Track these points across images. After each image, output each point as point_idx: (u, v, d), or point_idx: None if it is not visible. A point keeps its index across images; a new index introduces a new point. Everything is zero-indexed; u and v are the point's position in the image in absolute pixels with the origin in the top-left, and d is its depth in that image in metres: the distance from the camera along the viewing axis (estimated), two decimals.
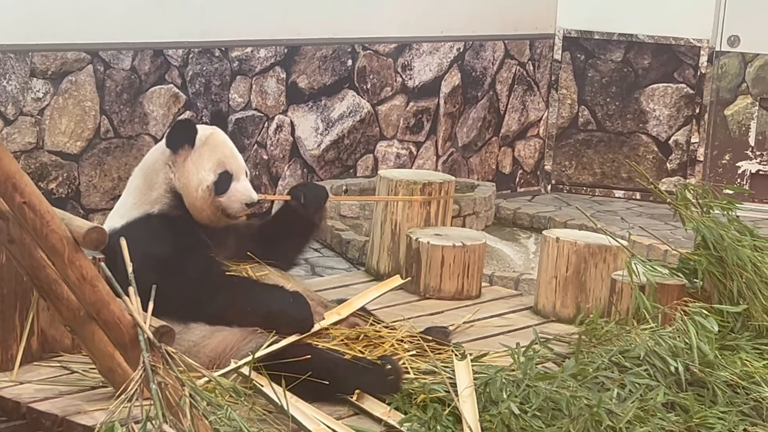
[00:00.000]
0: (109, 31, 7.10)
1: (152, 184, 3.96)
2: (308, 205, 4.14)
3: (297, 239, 4.22)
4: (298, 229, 4.19)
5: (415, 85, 8.71)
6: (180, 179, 3.95)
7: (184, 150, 3.94)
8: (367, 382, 3.64)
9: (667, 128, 9.47)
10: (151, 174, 3.98)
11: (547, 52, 9.53)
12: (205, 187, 3.94)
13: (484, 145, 9.25)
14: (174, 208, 3.94)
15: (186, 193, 3.95)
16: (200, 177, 3.95)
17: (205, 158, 3.96)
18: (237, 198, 3.99)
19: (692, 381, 3.79)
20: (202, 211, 3.97)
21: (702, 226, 4.28)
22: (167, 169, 3.95)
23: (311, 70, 8.10)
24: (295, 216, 4.16)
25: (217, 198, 3.95)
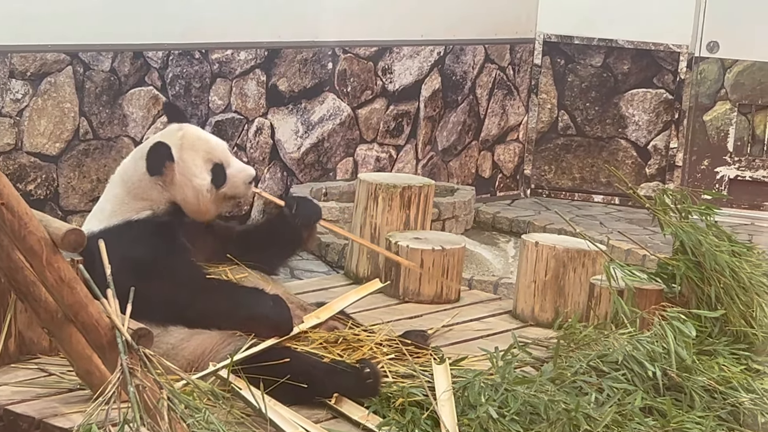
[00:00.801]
0: (89, 32, 7.08)
1: (140, 196, 3.93)
2: (297, 216, 4.12)
3: (281, 250, 4.21)
4: (285, 241, 4.19)
5: (396, 89, 8.71)
6: (177, 195, 3.94)
7: (168, 168, 3.92)
8: (345, 386, 3.64)
9: (646, 133, 9.50)
10: (138, 189, 3.94)
11: (527, 56, 9.55)
12: (206, 191, 3.94)
13: (464, 149, 9.26)
14: (166, 214, 3.93)
15: (187, 203, 3.94)
16: (196, 184, 3.94)
17: (190, 164, 3.95)
18: (238, 181, 4.00)
19: (670, 386, 3.80)
20: (208, 211, 3.98)
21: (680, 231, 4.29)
22: (159, 189, 3.93)
23: (291, 73, 8.10)
24: (284, 226, 4.15)
25: (220, 191, 3.96)
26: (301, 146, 8.21)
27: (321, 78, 8.25)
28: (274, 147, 8.08)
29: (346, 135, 8.46)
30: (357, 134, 8.53)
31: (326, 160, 8.37)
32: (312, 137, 8.26)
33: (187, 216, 3.99)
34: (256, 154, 7.98)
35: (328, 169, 8.40)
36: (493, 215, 8.68)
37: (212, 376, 3.57)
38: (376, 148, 8.66)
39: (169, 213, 3.94)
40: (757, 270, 4.27)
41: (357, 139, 8.54)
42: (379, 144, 8.68)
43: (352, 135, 8.50)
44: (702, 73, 9.36)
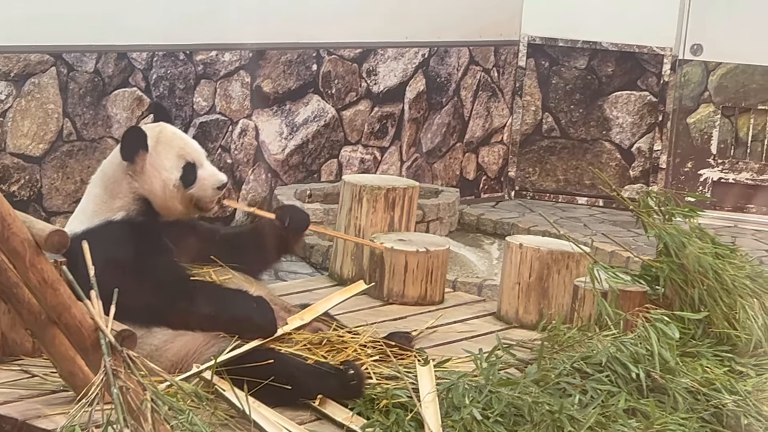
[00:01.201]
0: (73, 33, 7.07)
1: (114, 193, 3.94)
2: (290, 229, 4.14)
3: (269, 256, 4.21)
4: (273, 248, 4.19)
5: (380, 91, 8.71)
6: (144, 185, 3.93)
7: (139, 157, 3.93)
8: (329, 387, 3.64)
9: (630, 136, 9.52)
10: (112, 185, 3.95)
11: (511, 58, 9.56)
12: (172, 186, 3.94)
13: (449, 151, 9.26)
14: (139, 215, 3.93)
15: (154, 196, 3.94)
16: (164, 177, 3.94)
17: (163, 157, 3.95)
18: (207, 185, 3.99)
19: (653, 387, 3.81)
20: (174, 209, 3.97)
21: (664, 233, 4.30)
22: (129, 179, 3.94)
23: (276, 75, 8.09)
24: (274, 235, 4.15)
25: (188, 191, 3.95)
26: (286, 148, 8.21)
27: (305, 79, 8.25)
28: (258, 149, 8.07)
29: (331, 137, 8.46)
30: (341, 136, 8.53)
31: (311, 161, 8.37)
32: (296, 139, 8.26)
33: (158, 215, 3.98)
34: (241, 155, 7.97)
35: (313, 170, 8.40)
36: (478, 217, 8.68)
37: (196, 377, 3.57)
38: (360, 149, 8.66)
39: (142, 212, 3.93)
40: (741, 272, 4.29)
41: (341, 141, 8.54)
42: (363, 146, 8.68)
43: (337, 137, 8.50)
44: (686, 75, 9.39)
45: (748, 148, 9.36)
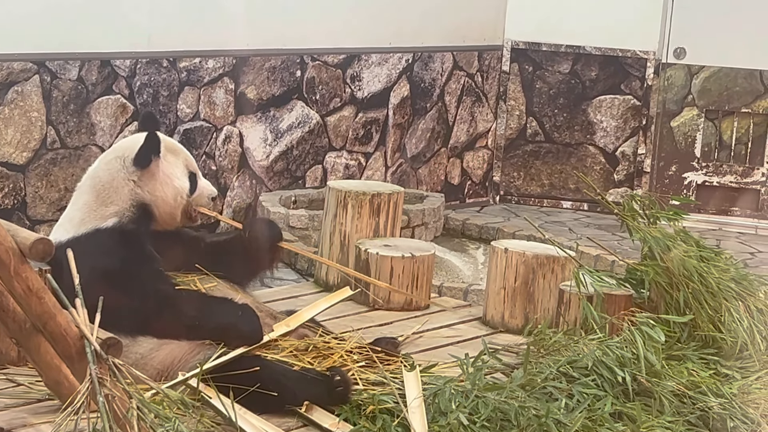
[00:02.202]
0: (56, 41, 7.06)
1: (109, 200, 3.92)
2: (251, 241, 4.11)
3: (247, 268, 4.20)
4: (247, 262, 4.17)
5: (364, 96, 8.71)
6: (152, 192, 3.93)
7: (152, 163, 3.93)
8: (316, 394, 3.64)
9: (614, 139, 9.54)
10: (108, 191, 3.93)
11: (495, 63, 9.57)
12: (184, 195, 3.98)
13: (433, 156, 9.27)
14: (131, 222, 3.91)
15: (160, 204, 3.95)
16: (177, 186, 3.97)
17: (173, 165, 3.98)
18: (205, 194, 4.08)
19: (639, 391, 3.81)
20: (176, 217, 4.00)
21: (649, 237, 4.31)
22: (132, 186, 3.93)
23: (260, 81, 8.09)
24: (246, 249, 4.15)
25: (188, 200, 3.98)
26: (270, 154, 8.20)
27: (289, 86, 8.25)
28: (242, 155, 8.06)
29: (315, 143, 8.46)
30: (326, 142, 8.53)
31: (295, 167, 8.37)
32: (281, 145, 8.25)
33: (153, 223, 3.98)
34: (225, 162, 7.96)
35: (297, 176, 8.40)
36: (463, 222, 8.69)
37: (182, 385, 3.56)
38: (345, 155, 8.66)
39: (135, 220, 3.92)
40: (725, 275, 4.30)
41: (326, 147, 8.54)
42: (348, 151, 8.68)
43: (321, 142, 8.50)
44: (669, 79, 9.41)
45: (732, 151, 9.39)
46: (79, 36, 7.16)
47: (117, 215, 3.91)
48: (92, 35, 7.21)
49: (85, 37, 7.18)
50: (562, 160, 9.64)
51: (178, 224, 4.05)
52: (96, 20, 7.21)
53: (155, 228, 3.99)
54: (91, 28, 7.20)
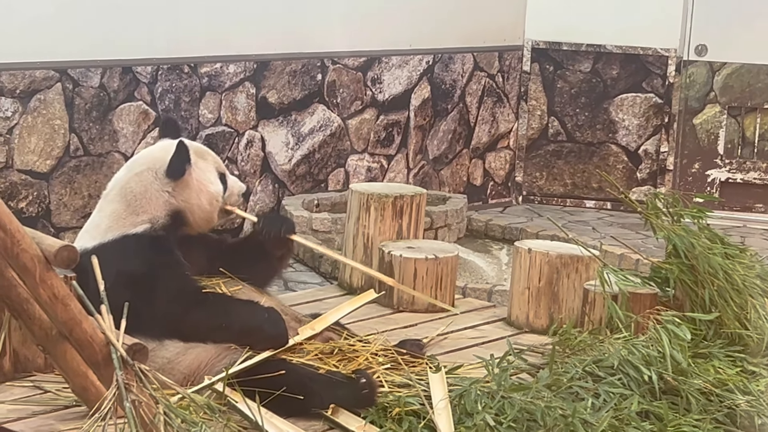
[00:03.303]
0: (78, 48, 7.08)
1: (140, 209, 3.91)
2: (264, 234, 4.11)
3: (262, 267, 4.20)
4: (263, 259, 4.17)
5: (385, 99, 8.72)
6: (187, 200, 3.94)
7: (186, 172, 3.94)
8: (341, 396, 3.64)
9: (637, 138, 9.51)
10: (140, 201, 3.92)
11: (515, 63, 9.56)
12: (219, 198, 4.00)
13: (455, 158, 9.27)
14: (162, 229, 3.91)
15: (196, 210, 3.95)
16: (212, 190, 3.99)
17: (205, 171, 4.00)
18: (235, 192, 4.10)
19: (666, 389, 3.80)
20: (211, 220, 4.02)
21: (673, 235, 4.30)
22: (167, 196, 3.92)
23: (281, 85, 8.10)
24: (260, 244, 4.15)
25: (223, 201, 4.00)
26: (292, 158, 8.21)
27: (310, 89, 8.26)
28: (265, 159, 8.08)
29: (337, 146, 8.47)
30: (348, 145, 8.54)
31: (317, 171, 8.38)
32: (303, 149, 8.26)
33: (185, 229, 3.98)
34: (247, 166, 7.98)
35: (320, 180, 8.40)
36: (486, 223, 8.68)
37: (208, 389, 3.57)
38: (367, 158, 8.66)
39: (166, 226, 3.93)
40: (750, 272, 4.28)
41: (348, 150, 8.54)
42: (370, 154, 8.68)
43: (343, 146, 8.51)
44: (691, 76, 9.38)
45: (755, 148, 9.35)
46: (101, 43, 7.18)
47: (149, 222, 3.90)
48: (113, 42, 7.24)
49: (107, 45, 7.21)
50: (585, 159, 9.61)
51: (214, 226, 4.08)
52: (117, 27, 7.24)
53: (188, 232, 4.00)
54: (112, 36, 7.23)
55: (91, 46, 7.14)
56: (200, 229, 4.03)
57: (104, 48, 7.20)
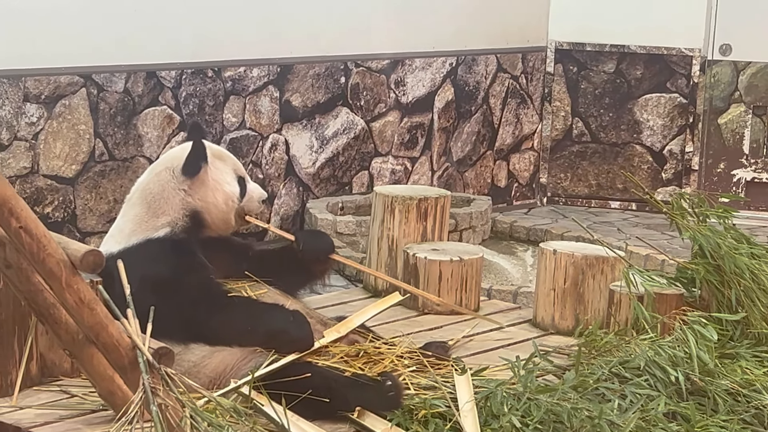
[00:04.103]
0: (102, 53, 7.11)
1: (160, 210, 3.94)
2: (305, 253, 4.13)
3: (296, 281, 4.21)
4: (298, 273, 4.19)
5: (409, 101, 8.72)
6: (203, 199, 3.97)
7: (201, 171, 3.96)
8: (367, 399, 3.64)
9: (662, 138, 9.48)
10: (159, 202, 3.95)
11: (539, 64, 9.55)
12: (235, 199, 4.01)
13: (479, 159, 9.26)
14: (183, 231, 3.94)
15: (212, 210, 3.98)
16: (227, 191, 4.00)
17: (222, 171, 4.02)
18: (254, 197, 4.10)
19: (693, 390, 3.79)
20: (228, 222, 4.03)
21: (699, 235, 4.28)
22: (183, 195, 3.95)
23: (304, 89, 8.11)
24: (296, 260, 4.16)
25: (240, 204, 4.01)
26: (316, 161, 8.22)
27: (334, 92, 8.27)
28: (289, 163, 8.09)
29: (361, 148, 8.47)
30: (372, 147, 8.54)
31: (341, 174, 8.38)
32: (327, 152, 8.27)
33: (204, 231, 4.00)
34: (272, 170, 7.99)
35: (344, 183, 8.41)
36: (510, 224, 8.67)
37: (234, 392, 3.57)
38: (391, 160, 8.66)
39: (187, 229, 3.95)
40: None
41: (372, 153, 8.55)
42: (394, 156, 8.68)
43: (367, 148, 8.51)
44: (715, 76, 9.35)
45: None
46: (125, 48, 7.21)
47: (169, 225, 3.93)
48: (137, 47, 7.26)
49: (131, 49, 7.23)
50: (609, 160, 9.59)
51: (232, 229, 4.08)
52: (141, 32, 7.26)
53: (208, 235, 4.01)
54: (136, 40, 7.25)
55: (116, 51, 7.17)
56: (219, 231, 4.04)
57: (128, 53, 7.22)
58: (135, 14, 7.22)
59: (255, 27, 7.79)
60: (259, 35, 7.83)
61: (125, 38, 7.20)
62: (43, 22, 6.86)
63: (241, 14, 7.72)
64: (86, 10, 7.02)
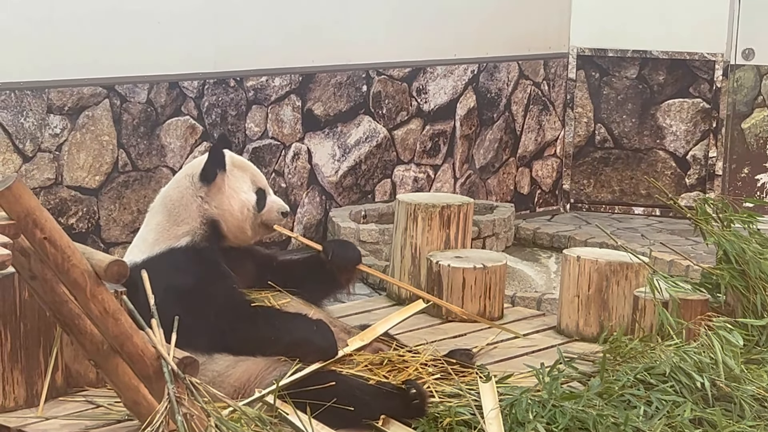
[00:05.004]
0: (124, 64, 7.14)
1: (180, 219, 3.96)
2: (334, 264, 4.14)
3: (320, 290, 4.22)
4: (323, 282, 4.20)
5: (431, 109, 8.72)
6: (219, 207, 3.98)
7: (218, 178, 3.98)
8: (392, 407, 3.63)
9: (685, 143, 9.45)
10: (178, 209, 3.97)
11: (561, 71, 9.53)
12: (251, 207, 4.00)
13: (502, 166, 9.25)
14: (204, 240, 3.95)
15: (227, 218, 3.98)
16: (243, 199, 4.01)
17: (240, 180, 4.03)
18: (274, 210, 4.09)
19: (719, 396, 3.77)
20: (244, 231, 4.02)
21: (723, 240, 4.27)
22: (200, 201, 3.97)
23: (326, 97, 8.12)
24: (322, 269, 4.17)
25: (258, 215, 4.01)
26: (339, 170, 8.23)
27: (356, 101, 8.27)
28: (311, 171, 8.10)
29: (383, 157, 8.47)
30: (394, 155, 8.54)
31: (364, 182, 8.38)
32: (349, 160, 8.28)
33: (224, 239, 4.01)
34: (294, 179, 8.00)
35: (367, 191, 8.41)
36: (534, 231, 8.65)
37: (259, 402, 3.58)
38: (413, 168, 8.66)
39: (207, 238, 3.96)
40: None
41: (394, 161, 8.55)
42: (416, 164, 8.68)
43: (389, 156, 8.51)
44: (738, 80, 9.31)
45: None
46: (147, 59, 7.23)
47: (189, 234, 3.95)
48: (160, 58, 7.29)
49: (153, 60, 7.26)
50: (632, 165, 9.57)
51: (250, 239, 4.07)
52: (163, 42, 7.29)
53: (228, 245, 4.02)
54: (158, 51, 7.28)
55: (138, 62, 7.19)
56: (237, 240, 4.04)
57: (151, 63, 7.25)
58: (157, 25, 7.24)
59: (276, 36, 7.80)
60: (281, 44, 7.84)
61: (147, 49, 7.23)
62: (66, 34, 6.89)
63: (263, 24, 7.73)
64: (108, 21, 7.04)
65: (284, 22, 7.83)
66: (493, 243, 8.05)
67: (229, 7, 7.58)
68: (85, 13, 6.95)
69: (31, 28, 6.76)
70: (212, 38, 7.51)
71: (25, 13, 6.74)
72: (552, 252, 8.38)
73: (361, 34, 8.24)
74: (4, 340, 3.75)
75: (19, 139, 6.76)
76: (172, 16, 7.31)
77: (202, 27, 7.45)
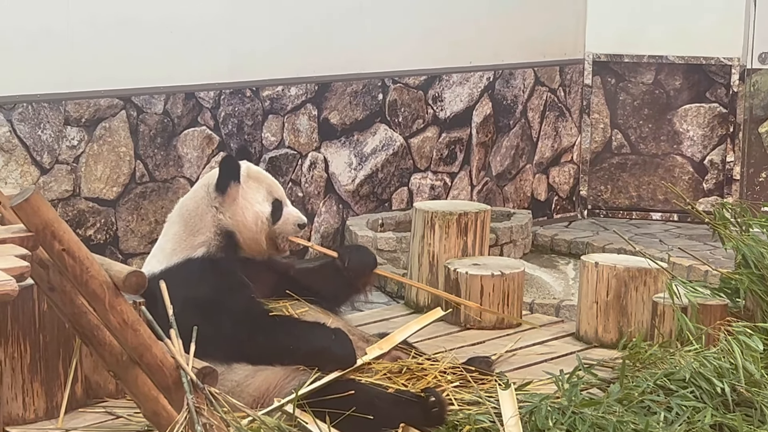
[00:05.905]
0: (141, 75, 7.16)
1: (196, 229, 3.97)
2: (350, 269, 4.14)
3: (338, 296, 4.22)
4: (340, 288, 4.20)
5: (447, 116, 8.71)
6: (233, 217, 3.98)
7: (232, 188, 3.98)
8: (411, 415, 3.63)
9: (702, 148, 9.43)
10: (194, 220, 3.99)
11: (577, 77, 9.52)
12: (265, 219, 4.01)
13: (519, 173, 9.24)
14: (219, 250, 3.96)
15: (241, 229, 3.98)
16: (257, 210, 4.00)
17: (254, 190, 4.03)
18: (290, 221, 4.08)
19: (739, 401, 3.76)
20: (259, 243, 4.02)
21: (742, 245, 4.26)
22: (214, 212, 3.98)
23: (342, 106, 8.13)
24: (338, 276, 4.17)
25: (273, 227, 4.01)
26: (356, 178, 8.23)
27: (372, 109, 8.28)
28: (328, 180, 8.10)
29: (400, 165, 8.47)
30: (410, 163, 8.54)
31: (381, 190, 8.39)
32: (366, 169, 8.28)
33: (239, 250, 4.01)
34: (311, 188, 8.00)
35: (383, 199, 8.41)
36: (551, 238, 8.64)
37: (278, 411, 3.58)
38: (430, 176, 8.66)
39: (223, 248, 3.96)
40: None
41: (411, 169, 8.55)
42: (433, 172, 8.68)
43: (406, 164, 8.51)
44: (755, 84, 9.29)
45: None
46: (163, 70, 7.25)
47: (205, 244, 3.96)
48: (176, 68, 7.30)
49: (169, 71, 7.28)
50: (650, 171, 9.55)
51: (265, 251, 4.07)
52: (179, 53, 7.30)
53: (244, 255, 4.02)
54: (174, 62, 7.29)
55: (154, 73, 7.21)
56: (252, 252, 4.03)
57: (166, 74, 7.27)
58: (171, 36, 7.26)
59: (292, 46, 7.81)
60: (296, 54, 7.85)
61: (163, 60, 7.24)
62: (82, 46, 6.91)
63: (278, 33, 7.75)
64: (123, 33, 7.06)
65: (299, 31, 7.85)
66: (511, 250, 8.04)
67: (245, 17, 7.59)
68: (102, 25, 6.98)
69: (47, 41, 6.78)
70: (228, 48, 7.53)
71: (41, 26, 6.76)
72: (570, 258, 8.36)
73: (376, 43, 8.24)
74: (23, 351, 3.77)
75: (36, 151, 6.78)
76: (188, 28, 7.33)
77: (217, 37, 7.47)
